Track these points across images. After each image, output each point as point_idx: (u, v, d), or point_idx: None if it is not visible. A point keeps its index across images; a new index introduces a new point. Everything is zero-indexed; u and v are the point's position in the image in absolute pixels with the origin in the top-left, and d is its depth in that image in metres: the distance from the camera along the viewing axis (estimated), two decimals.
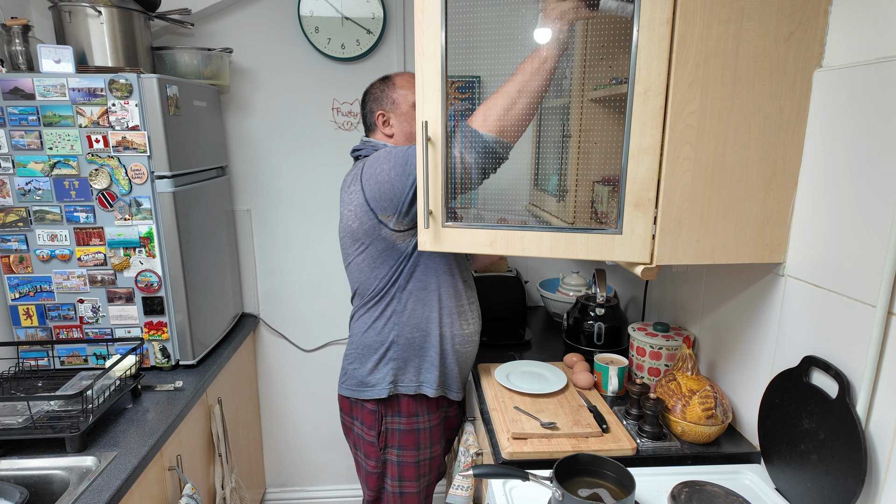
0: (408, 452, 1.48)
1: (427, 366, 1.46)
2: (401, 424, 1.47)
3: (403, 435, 1.48)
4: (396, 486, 1.51)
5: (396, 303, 1.43)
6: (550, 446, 1.24)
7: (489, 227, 1.24)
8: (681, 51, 1.03)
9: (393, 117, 1.47)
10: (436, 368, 1.45)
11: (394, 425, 1.48)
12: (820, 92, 1.06)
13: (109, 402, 1.39)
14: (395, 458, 1.49)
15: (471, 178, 1.22)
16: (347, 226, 1.43)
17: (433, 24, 1.17)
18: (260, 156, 2.14)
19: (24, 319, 1.64)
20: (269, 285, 2.26)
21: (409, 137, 1.48)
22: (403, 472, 1.49)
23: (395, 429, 1.48)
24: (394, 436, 1.48)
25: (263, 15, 2.02)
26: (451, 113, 1.24)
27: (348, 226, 1.43)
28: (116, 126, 1.53)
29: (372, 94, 1.50)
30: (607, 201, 1.40)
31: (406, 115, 1.47)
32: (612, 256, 1.16)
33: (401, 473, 1.49)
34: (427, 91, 1.20)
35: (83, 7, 1.59)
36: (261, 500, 2.40)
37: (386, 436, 1.48)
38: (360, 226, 1.39)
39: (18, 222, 1.57)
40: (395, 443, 1.48)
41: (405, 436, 1.48)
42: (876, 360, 0.94)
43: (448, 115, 1.23)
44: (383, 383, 1.45)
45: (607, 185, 1.43)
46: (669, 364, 1.47)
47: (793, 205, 1.13)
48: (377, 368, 1.45)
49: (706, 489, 1.09)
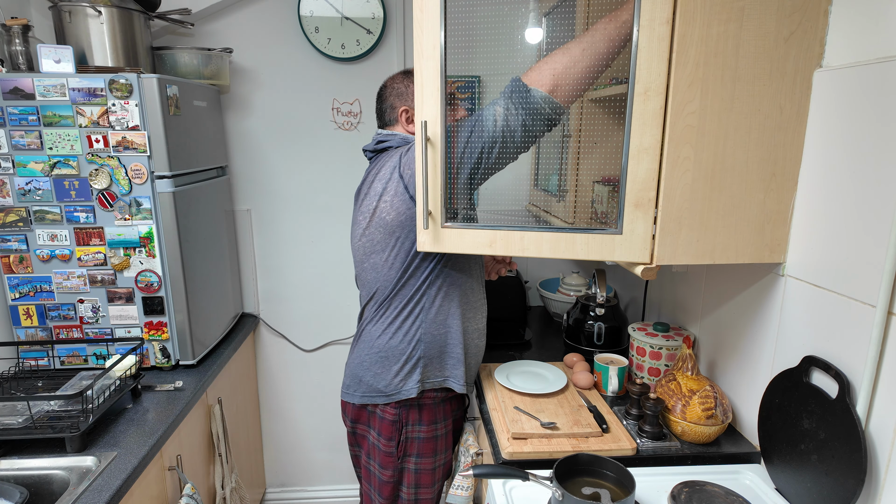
0: (426, 460, 1.45)
1: (453, 362, 1.42)
2: (421, 433, 1.43)
3: (423, 443, 1.44)
4: (412, 494, 1.47)
5: (426, 300, 1.38)
6: (550, 446, 1.24)
7: (489, 227, 1.23)
8: (681, 51, 1.03)
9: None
10: (461, 364, 1.42)
11: (414, 434, 1.43)
12: (820, 92, 1.06)
13: (109, 402, 1.39)
14: (413, 466, 1.45)
15: (514, 141, 1.14)
16: (382, 219, 1.36)
17: (432, 23, 1.16)
18: (260, 156, 2.14)
19: (24, 319, 1.64)
20: (269, 285, 2.26)
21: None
22: (420, 479, 1.46)
23: (415, 437, 1.43)
24: (413, 444, 1.43)
25: (263, 15, 2.02)
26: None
27: (383, 219, 1.35)
28: (116, 126, 1.53)
29: (394, 88, 1.44)
30: (607, 201, 1.40)
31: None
32: (612, 256, 1.16)
33: (417, 481, 1.46)
34: (426, 91, 1.19)
35: (83, 7, 1.59)
36: (261, 500, 2.40)
37: (406, 445, 1.44)
38: (396, 217, 1.33)
39: (18, 222, 1.57)
40: (414, 451, 1.44)
41: (424, 444, 1.44)
42: (876, 360, 0.94)
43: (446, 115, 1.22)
44: (411, 382, 1.39)
45: (607, 185, 1.43)
46: (669, 364, 1.47)
47: (793, 205, 1.13)
48: (403, 372, 1.39)
49: (706, 489, 1.09)
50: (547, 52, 2.04)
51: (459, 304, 1.40)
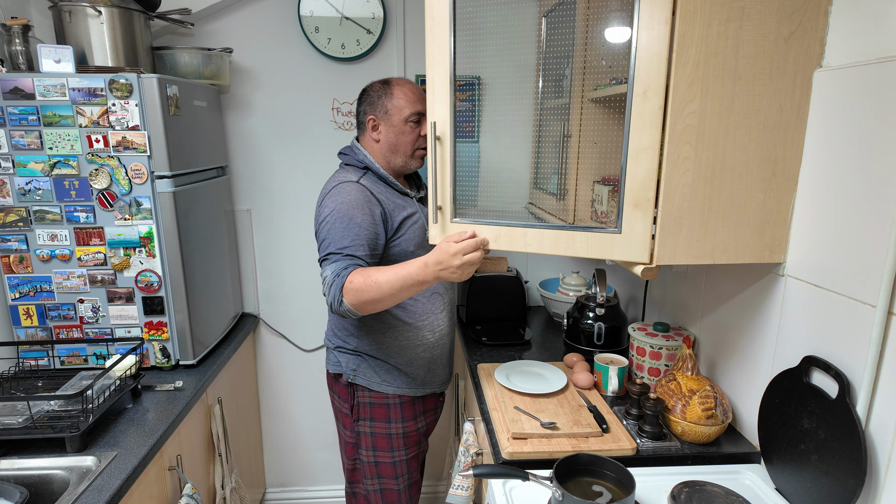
0: (379, 424, 1.55)
1: (388, 367, 1.54)
2: (371, 398, 1.55)
3: (374, 408, 1.54)
4: (371, 456, 1.57)
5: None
6: (550, 446, 1.24)
7: (494, 222, 1.28)
8: (681, 51, 1.03)
9: (383, 125, 1.49)
10: (395, 370, 1.54)
11: (364, 399, 1.55)
12: (820, 92, 1.06)
13: (109, 402, 1.39)
14: (368, 430, 1.56)
15: (327, 297, 1.35)
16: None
17: (442, 29, 1.21)
18: (260, 156, 2.14)
19: (24, 319, 1.64)
20: (269, 285, 2.26)
21: (392, 148, 1.50)
22: (377, 442, 1.56)
23: (366, 402, 1.55)
24: (365, 409, 1.55)
25: (263, 15, 2.02)
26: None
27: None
28: (116, 126, 1.53)
29: (369, 96, 1.51)
30: (607, 201, 1.40)
31: (395, 127, 1.48)
32: (612, 255, 1.16)
33: (374, 444, 1.56)
34: (437, 93, 1.25)
35: (83, 7, 1.59)
36: (261, 500, 2.40)
37: (358, 409, 1.56)
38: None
39: (18, 222, 1.57)
40: (366, 415, 1.55)
41: (375, 409, 1.54)
42: (876, 360, 0.94)
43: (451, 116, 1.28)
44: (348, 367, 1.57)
45: (607, 185, 1.43)
46: (669, 364, 1.47)
47: (793, 205, 1.13)
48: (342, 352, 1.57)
49: (706, 489, 1.09)
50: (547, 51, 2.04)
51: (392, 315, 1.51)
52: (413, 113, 1.47)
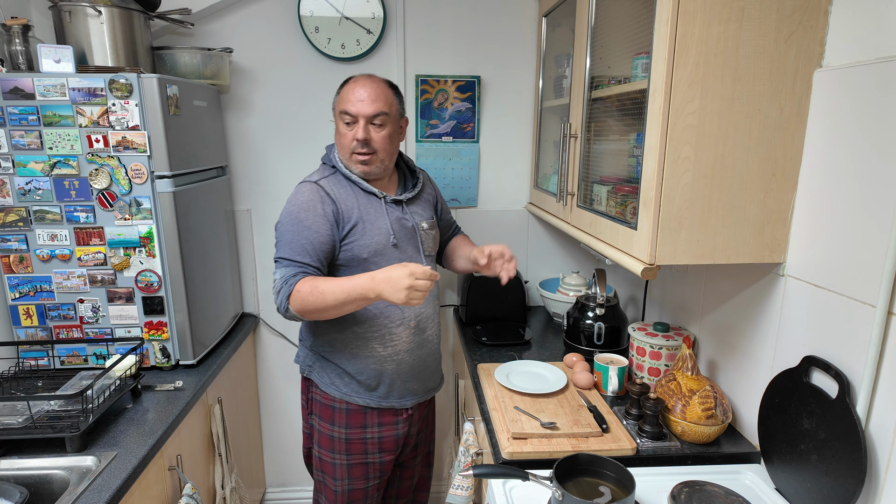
0: (324, 424, 1.56)
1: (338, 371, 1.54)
2: (321, 397, 1.55)
3: (322, 407, 1.56)
4: (317, 451, 1.60)
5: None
6: (550, 446, 1.24)
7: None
8: (681, 51, 1.03)
9: (335, 120, 1.50)
10: (345, 374, 1.53)
11: (316, 395, 1.57)
12: (820, 92, 1.06)
13: (109, 401, 1.39)
14: (317, 426, 1.58)
15: (275, 299, 1.39)
16: None
17: (580, 47, 1.25)
18: (260, 156, 2.14)
19: (24, 319, 1.64)
20: (269, 285, 2.26)
21: (338, 147, 1.50)
22: (321, 440, 1.57)
23: (317, 399, 1.56)
24: (316, 405, 1.57)
25: (263, 15, 2.02)
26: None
27: None
28: (116, 126, 1.52)
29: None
30: (607, 201, 1.40)
31: (337, 126, 1.48)
32: (631, 251, 1.19)
33: (319, 441, 1.58)
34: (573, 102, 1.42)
35: (83, 7, 1.59)
36: (261, 500, 2.40)
37: (311, 404, 1.60)
38: None
39: (18, 222, 1.57)
40: (317, 411, 1.57)
41: (323, 408, 1.55)
42: (876, 360, 0.94)
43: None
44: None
45: (607, 185, 1.42)
46: (669, 364, 1.47)
47: (793, 205, 1.13)
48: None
49: (706, 489, 1.09)
50: (547, 52, 2.04)
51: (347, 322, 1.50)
52: (341, 111, 1.43)
